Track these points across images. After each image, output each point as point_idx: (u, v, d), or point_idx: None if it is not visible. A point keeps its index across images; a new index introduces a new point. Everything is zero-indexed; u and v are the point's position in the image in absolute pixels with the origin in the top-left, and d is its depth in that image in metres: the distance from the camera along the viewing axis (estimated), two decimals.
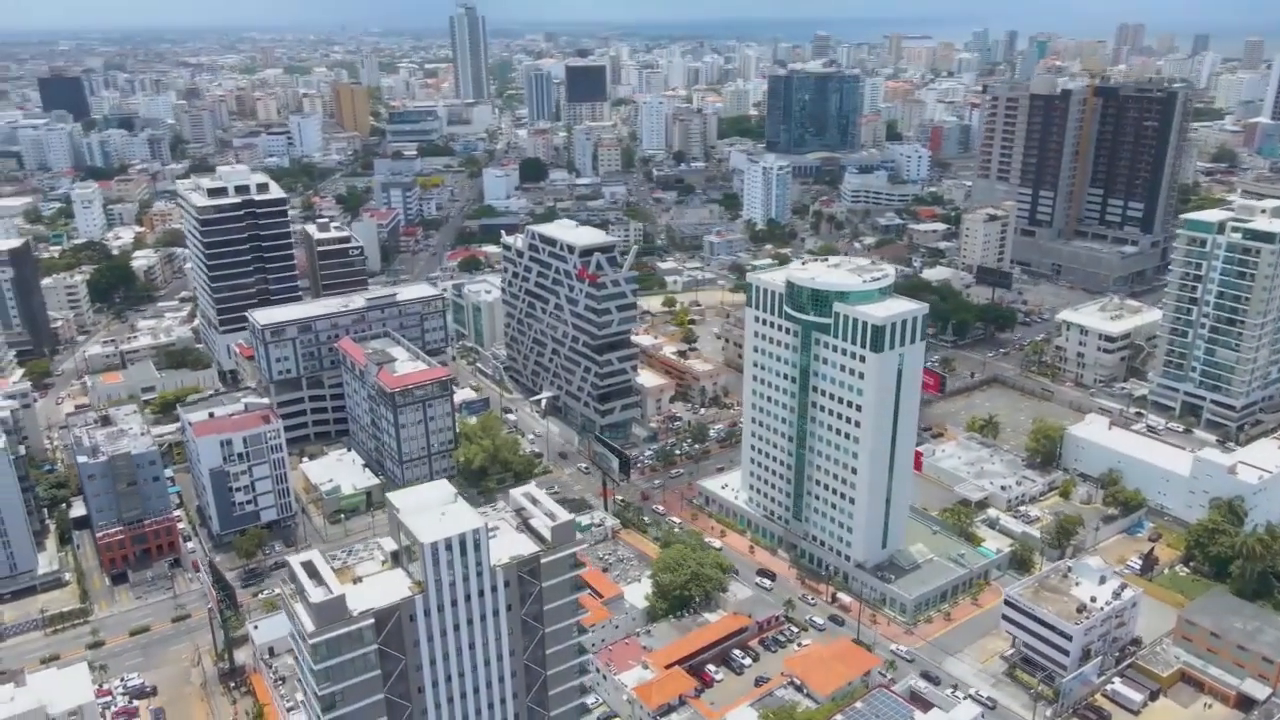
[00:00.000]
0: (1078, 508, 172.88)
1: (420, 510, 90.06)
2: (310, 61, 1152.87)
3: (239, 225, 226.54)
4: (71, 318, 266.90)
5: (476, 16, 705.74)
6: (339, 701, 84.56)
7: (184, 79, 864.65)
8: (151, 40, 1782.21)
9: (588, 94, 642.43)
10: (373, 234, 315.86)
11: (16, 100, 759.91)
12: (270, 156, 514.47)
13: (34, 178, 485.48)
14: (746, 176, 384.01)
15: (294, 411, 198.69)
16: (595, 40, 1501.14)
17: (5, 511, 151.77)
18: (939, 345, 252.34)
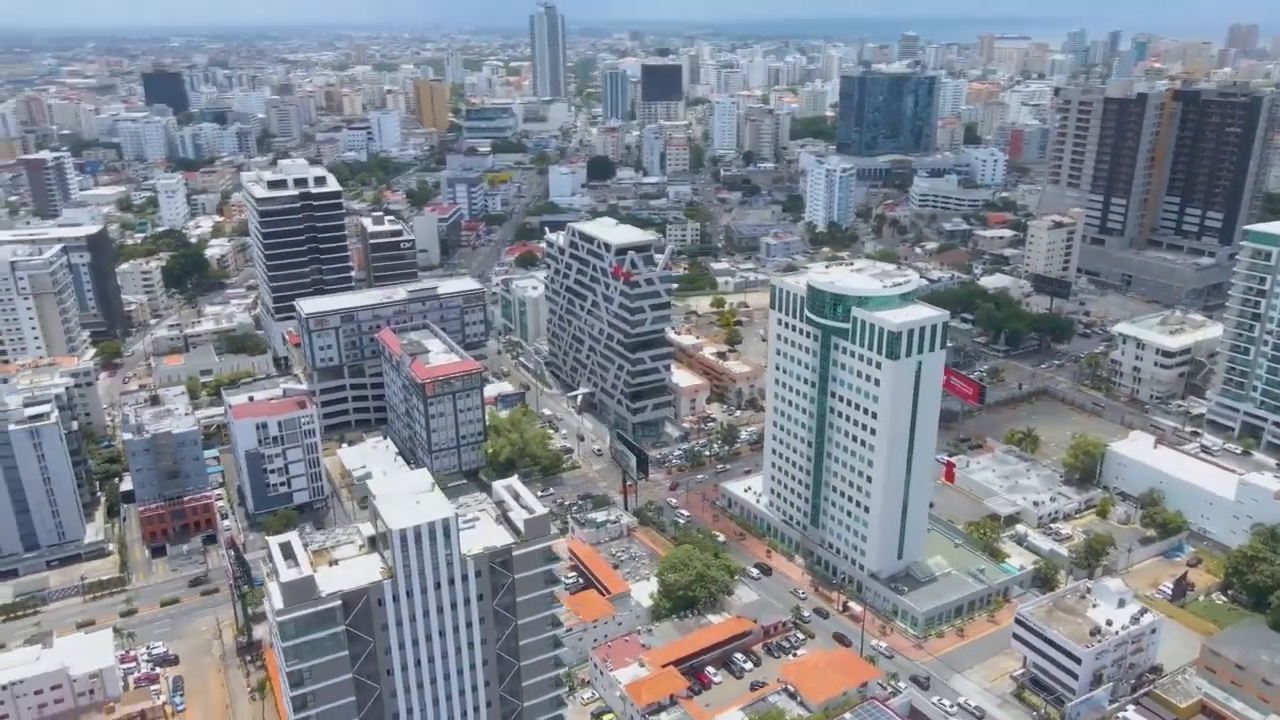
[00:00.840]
0: (1114, 528, 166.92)
1: (396, 497, 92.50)
2: (401, 59, 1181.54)
3: (296, 216, 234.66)
4: (145, 302, 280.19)
5: (556, 15, 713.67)
6: (307, 679, 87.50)
7: (278, 75, 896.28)
8: (255, 38, 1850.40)
9: (663, 93, 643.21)
10: (433, 228, 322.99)
11: (123, 94, 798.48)
12: (349, 151, 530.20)
13: (130, 168, 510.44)
14: (809, 178, 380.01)
15: (335, 399, 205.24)
16: (682, 39, 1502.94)
17: (55, 483, 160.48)
18: (990, 354, 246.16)
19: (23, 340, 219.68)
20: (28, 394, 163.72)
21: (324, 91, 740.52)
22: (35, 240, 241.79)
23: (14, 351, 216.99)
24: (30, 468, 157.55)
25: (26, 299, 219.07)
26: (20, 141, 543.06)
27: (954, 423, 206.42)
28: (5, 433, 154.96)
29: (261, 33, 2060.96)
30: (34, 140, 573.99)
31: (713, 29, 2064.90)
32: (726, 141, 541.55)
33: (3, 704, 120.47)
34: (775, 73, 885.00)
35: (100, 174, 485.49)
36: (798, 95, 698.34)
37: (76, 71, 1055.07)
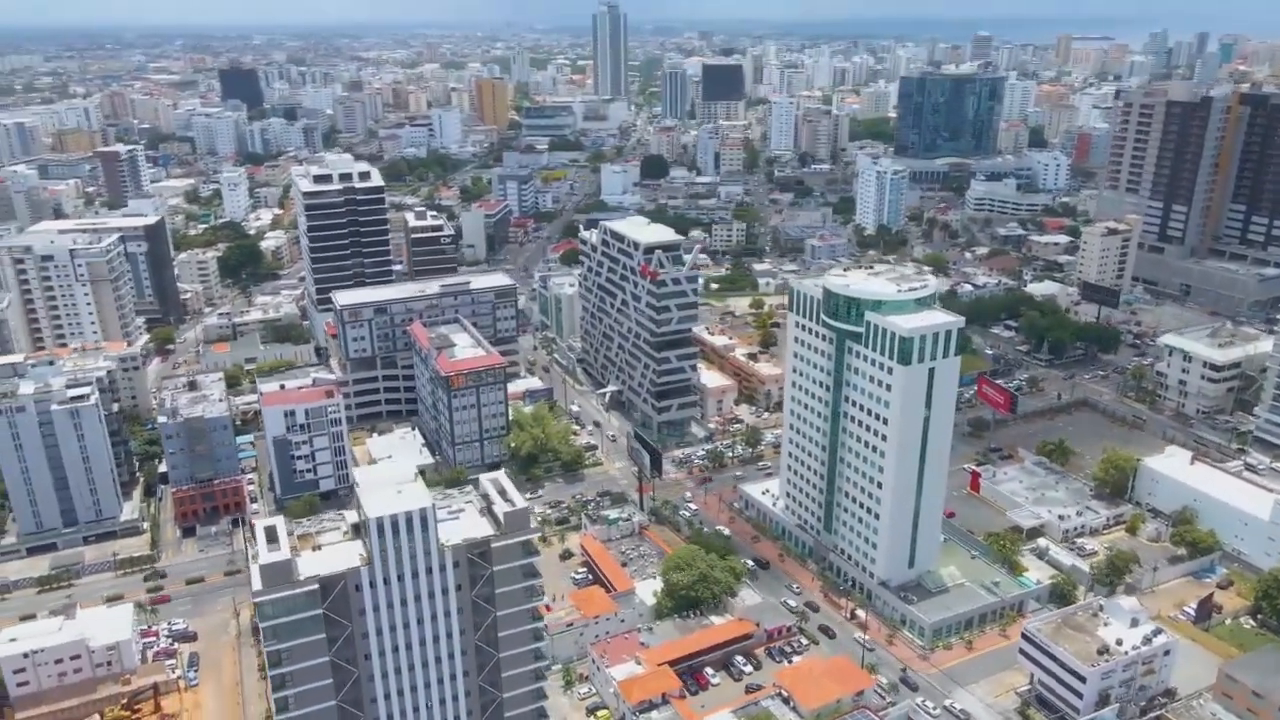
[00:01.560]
0: (1143, 545, 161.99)
1: (378, 486, 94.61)
2: (471, 57, 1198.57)
3: (339, 210, 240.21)
4: (200, 290, 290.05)
5: (619, 14, 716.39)
6: (285, 659, 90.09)
7: (350, 73, 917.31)
8: (333, 35, 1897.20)
9: (723, 93, 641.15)
10: (479, 224, 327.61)
11: (202, 90, 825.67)
12: (410, 147, 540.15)
13: (201, 161, 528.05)
14: (860, 180, 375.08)
15: (368, 389, 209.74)
16: (751, 39, 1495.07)
17: (93, 461, 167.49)
18: (1032, 363, 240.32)
19: (80, 325, 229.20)
20: (71, 376, 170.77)
21: (391, 89, 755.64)
22: (95, 230, 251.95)
23: (71, 335, 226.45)
24: (70, 446, 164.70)
25: (84, 285, 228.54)
26: (101, 134, 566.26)
27: (986, 431, 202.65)
28: (47, 412, 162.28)
29: (341, 31, 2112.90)
30: (114, 133, 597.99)
31: (785, 28, 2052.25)
32: (784, 142, 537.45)
33: (25, 670, 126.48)
34: (841, 73, 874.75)
35: (172, 167, 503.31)
36: (860, 96, 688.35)
37: (163, 68, 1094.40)
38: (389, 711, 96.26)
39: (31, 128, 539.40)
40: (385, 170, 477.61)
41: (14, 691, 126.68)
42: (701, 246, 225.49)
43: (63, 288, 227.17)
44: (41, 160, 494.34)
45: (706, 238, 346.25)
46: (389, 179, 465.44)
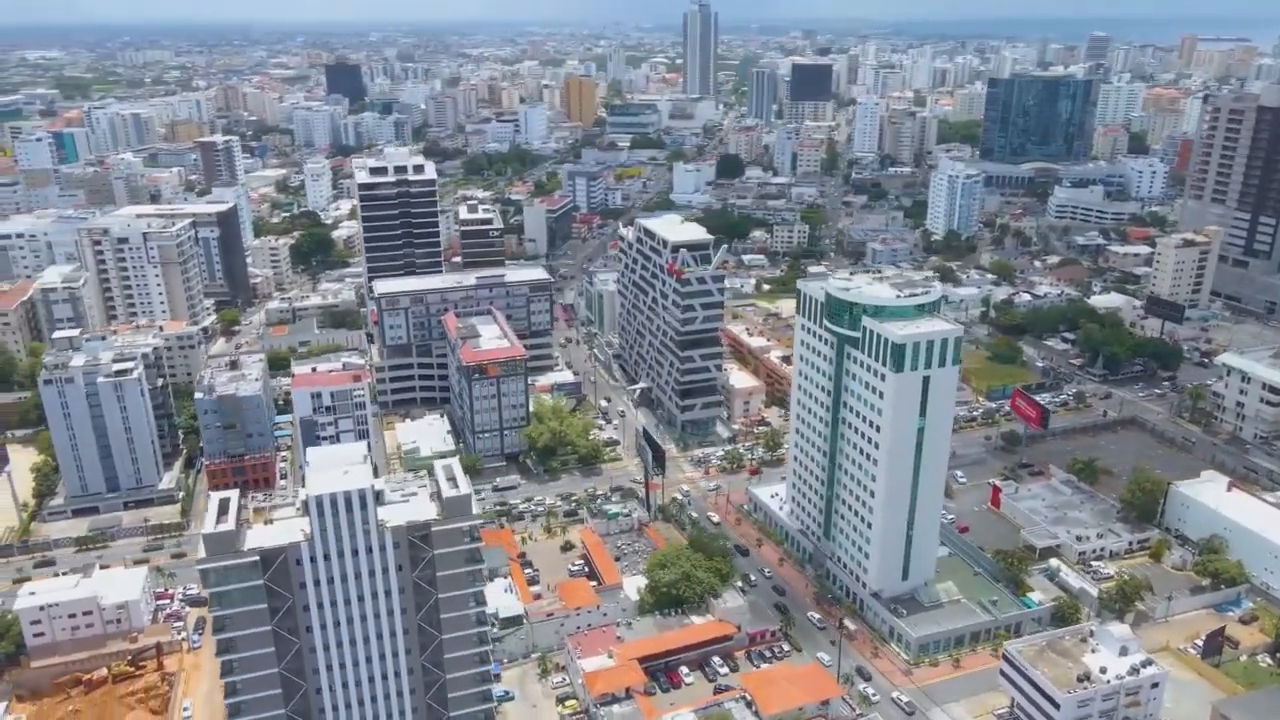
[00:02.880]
0: (1166, 573, 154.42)
1: (327, 466, 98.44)
2: (573, 55, 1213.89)
3: (393, 201, 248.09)
4: (271, 276, 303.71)
5: (709, 13, 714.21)
6: (229, 625, 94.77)
7: (451, 69, 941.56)
8: (445, 33, 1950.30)
9: (812, 93, 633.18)
10: (540, 219, 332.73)
11: (311, 85, 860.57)
12: (494, 142, 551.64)
13: (298, 152, 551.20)
14: (932, 184, 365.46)
15: (403, 375, 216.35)
16: (856, 38, 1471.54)
17: (135, 432, 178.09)
18: (1085, 378, 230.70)
19: (150, 303, 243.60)
20: (119, 352, 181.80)
21: (487, 85, 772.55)
22: (171, 215, 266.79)
23: (142, 313, 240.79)
24: (114, 416, 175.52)
25: (155, 267, 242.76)
26: (209, 125, 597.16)
27: (1019, 446, 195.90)
28: (94, 384, 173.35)
29: (454, 28, 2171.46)
30: (223, 125, 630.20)
31: (897, 27, 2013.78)
32: (867, 144, 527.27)
33: (41, 622, 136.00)
34: (941, 74, 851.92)
35: (268, 157, 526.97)
36: (953, 98, 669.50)
37: (281, 63, 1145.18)
38: (330, 683, 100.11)
39: (147, 118, 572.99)
40: (466, 164, 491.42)
41: (31, 641, 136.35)
42: (726, 248, 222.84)
43: (135, 268, 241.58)
44: (154, 149, 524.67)
45: (767, 238, 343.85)
46: (468, 173, 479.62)
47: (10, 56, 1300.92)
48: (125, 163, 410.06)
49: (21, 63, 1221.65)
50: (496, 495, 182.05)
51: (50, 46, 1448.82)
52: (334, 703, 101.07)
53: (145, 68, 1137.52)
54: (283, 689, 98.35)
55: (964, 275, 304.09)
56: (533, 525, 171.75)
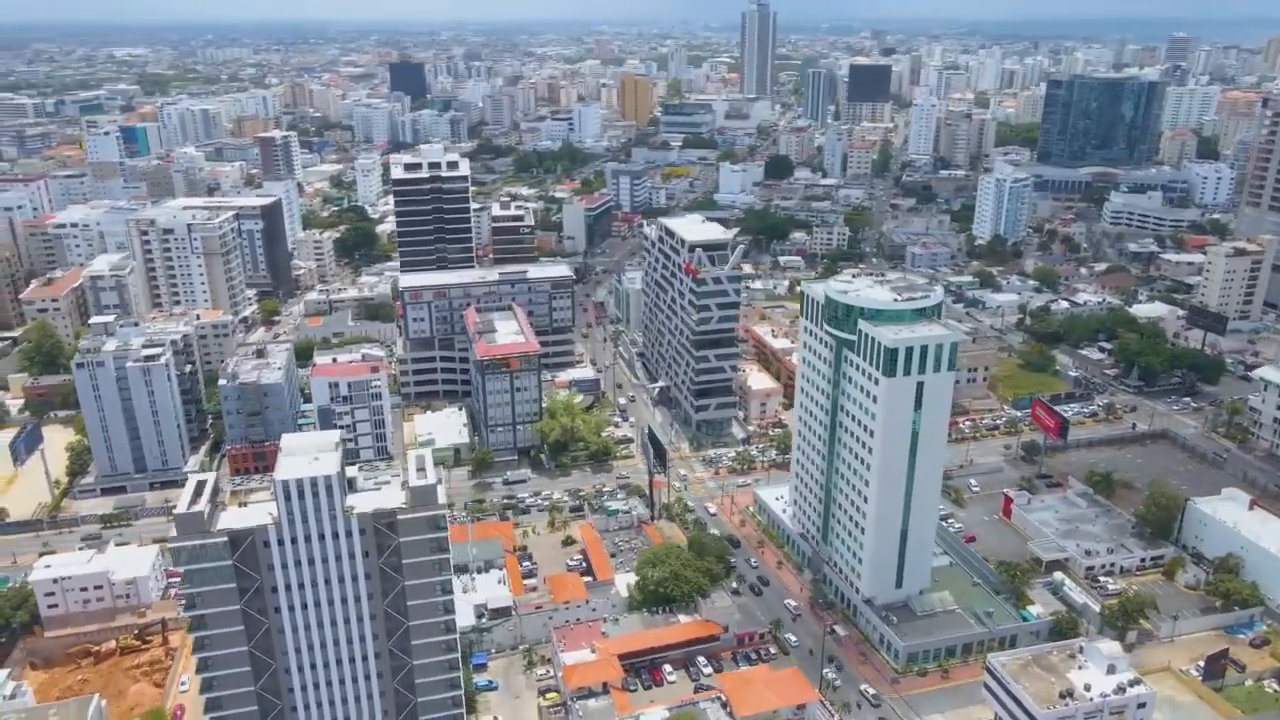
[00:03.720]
0: (1179, 592, 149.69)
1: (298, 452, 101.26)
2: (638, 54, 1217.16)
3: (425, 196, 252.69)
4: (314, 268, 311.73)
5: (768, 13, 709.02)
6: (199, 603, 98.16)
7: (514, 68, 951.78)
8: (515, 32, 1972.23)
9: (869, 94, 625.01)
10: (579, 217, 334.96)
11: (376, 82, 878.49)
12: (547, 140, 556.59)
13: (356, 148, 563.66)
14: (979, 188, 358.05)
15: (426, 368, 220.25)
16: (928, 38, 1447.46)
17: (161, 415, 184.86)
18: (1119, 389, 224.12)
19: (193, 292, 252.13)
20: (149, 338, 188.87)
21: (546, 83, 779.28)
22: (216, 207, 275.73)
23: (186, 301, 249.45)
24: (142, 400, 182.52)
25: (198, 257, 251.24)
26: (274, 121, 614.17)
27: (1039, 456, 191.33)
28: (123, 368, 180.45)
29: (524, 27, 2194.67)
30: (289, 121, 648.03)
31: (971, 27, 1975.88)
32: (923, 146, 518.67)
33: (54, 594, 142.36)
34: (1009, 75, 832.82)
35: (327, 152, 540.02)
36: (1017, 99, 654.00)
37: (352, 61, 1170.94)
38: (299, 663, 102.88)
39: (214, 114, 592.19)
40: (516, 162, 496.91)
41: (45, 612, 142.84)
42: (743, 248, 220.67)
43: (180, 258, 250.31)
44: (219, 144, 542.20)
45: (807, 240, 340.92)
46: (518, 170, 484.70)
47: (99, 53, 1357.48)
48: (187, 156, 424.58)
49: (109, 59, 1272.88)
50: (506, 489, 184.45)
51: (138, 44, 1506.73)
52: (303, 683, 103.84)
53: (223, 65, 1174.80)
54: (252, 667, 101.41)
55: (1004, 281, 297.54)
56: (539, 519, 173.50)
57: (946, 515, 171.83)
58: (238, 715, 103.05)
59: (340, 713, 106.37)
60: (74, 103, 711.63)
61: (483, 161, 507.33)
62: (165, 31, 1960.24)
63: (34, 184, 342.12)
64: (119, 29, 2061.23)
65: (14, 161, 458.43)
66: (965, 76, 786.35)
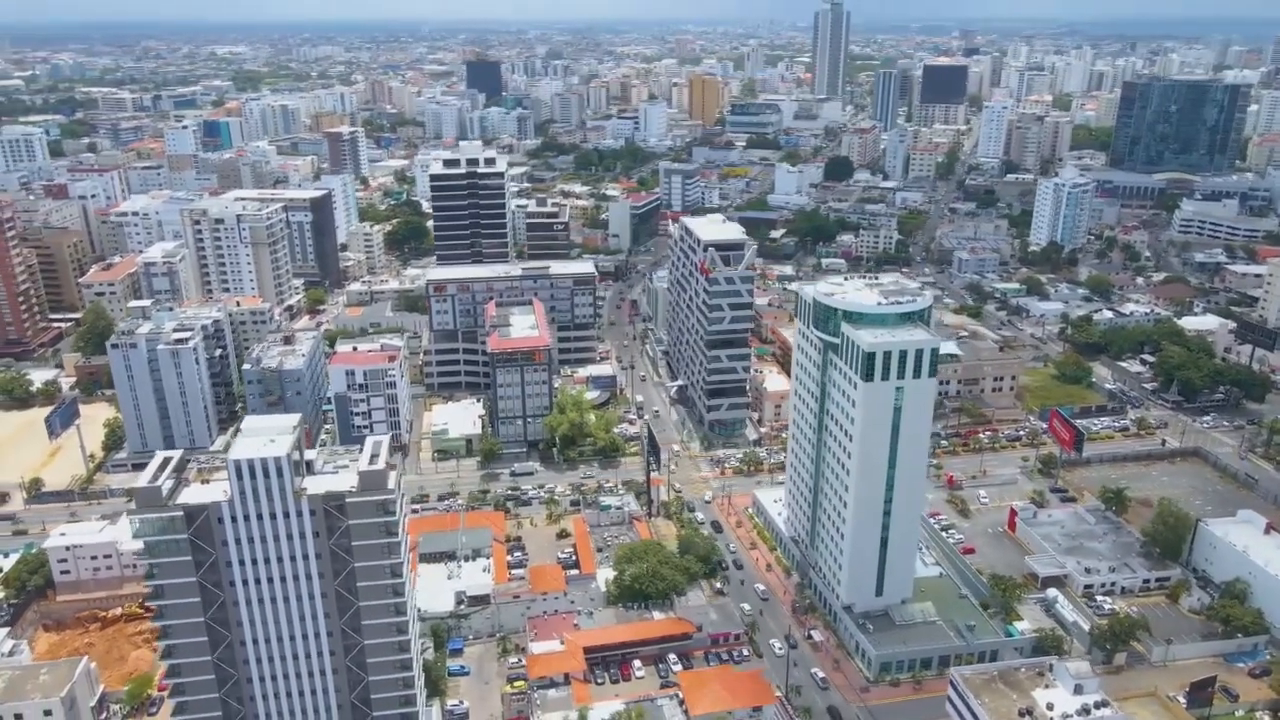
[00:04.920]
0: (1182, 616, 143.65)
1: (255, 433, 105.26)
2: (716, 53, 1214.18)
3: (461, 192, 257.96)
4: (363, 260, 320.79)
5: (841, 12, 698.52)
6: (158, 574, 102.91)
7: (590, 66, 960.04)
8: (599, 31, 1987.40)
9: (943, 95, 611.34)
10: (625, 215, 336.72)
11: (456, 79, 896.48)
12: (612, 139, 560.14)
13: (426, 144, 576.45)
14: (1037, 193, 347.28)
15: (449, 360, 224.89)
16: (1022, 38, 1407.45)
17: (189, 396, 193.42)
18: (1155, 403, 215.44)
19: (241, 280, 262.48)
20: (181, 322, 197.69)
21: (619, 82, 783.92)
22: (270, 199, 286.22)
23: (234, 289, 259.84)
24: (171, 381, 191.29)
25: (246, 247, 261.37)
26: (351, 117, 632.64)
27: (1057, 469, 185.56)
28: (155, 350, 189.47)
29: (609, 26, 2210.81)
30: (366, 117, 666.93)
31: (1070, 27, 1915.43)
32: (992, 149, 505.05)
33: (66, 561, 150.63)
34: (1098, 77, 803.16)
35: (395, 148, 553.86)
36: (1098, 102, 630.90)
37: (438, 60, 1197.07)
38: (254, 636, 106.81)
39: (294, 110, 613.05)
40: (577, 159, 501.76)
41: (58, 577, 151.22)
42: (755, 248, 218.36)
43: (229, 247, 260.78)
44: (295, 138, 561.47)
45: (853, 242, 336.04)
46: (578, 168, 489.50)
47: (203, 50, 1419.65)
48: (258, 150, 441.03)
49: (210, 56, 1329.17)
50: (512, 480, 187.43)
51: (239, 42, 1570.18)
52: (258, 655, 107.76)
53: (314, 62, 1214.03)
54: (209, 637, 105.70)
55: (1053, 289, 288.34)
56: (539, 512, 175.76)
57: (948, 526, 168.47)
58: (196, 683, 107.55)
59: (295, 687, 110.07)
60: (169, 98, 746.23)
61: (544, 159, 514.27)
62: (267, 30, 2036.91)
63: (108, 174, 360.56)
64: (224, 27, 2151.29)
65: (99, 153, 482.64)
66: (1049, 78, 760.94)
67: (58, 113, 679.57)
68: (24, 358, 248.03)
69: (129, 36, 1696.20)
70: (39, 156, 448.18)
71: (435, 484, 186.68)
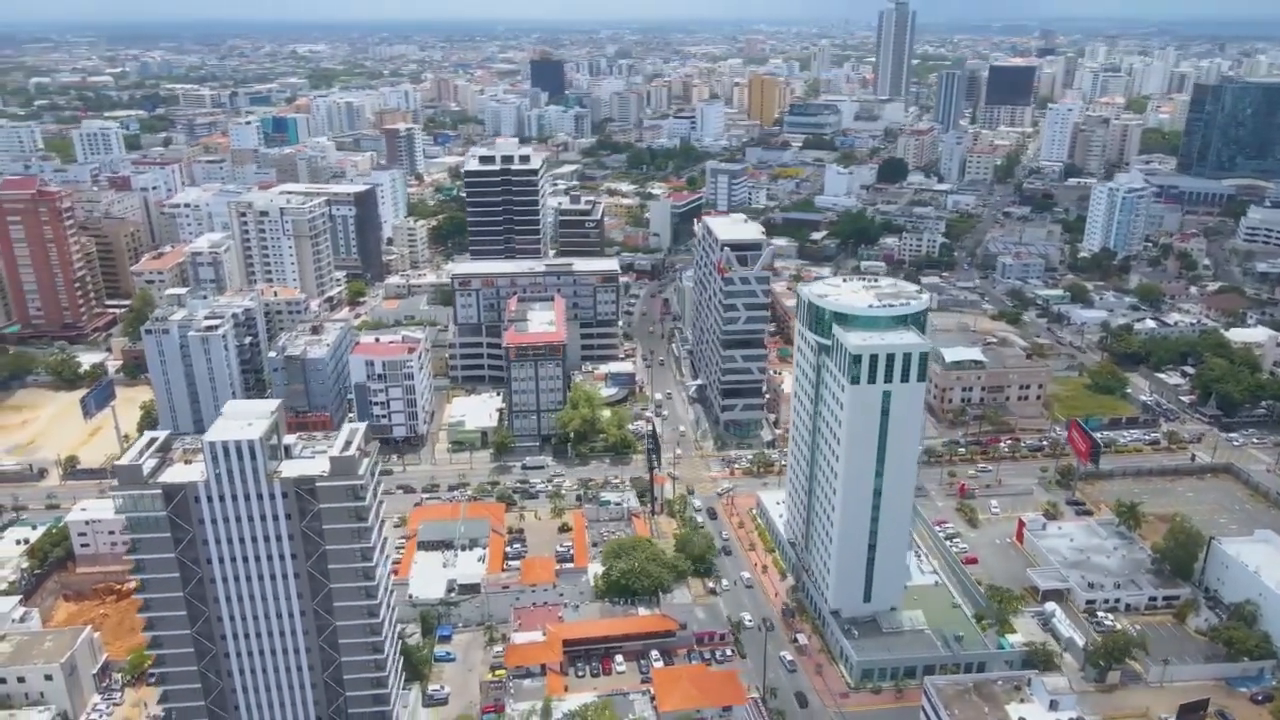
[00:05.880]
0: (1188, 637, 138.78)
1: (234, 418, 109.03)
2: (786, 53, 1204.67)
3: (495, 188, 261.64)
4: (407, 254, 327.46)
5: (906, 12, 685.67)
6: (140, 548, 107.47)
7: (655, 65, 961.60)
8: (672, 31, 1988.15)
9: (1009, 97, 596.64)
10: (665, 214, 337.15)
11: (521, 78, 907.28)
12: (666, 138, 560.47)
13: (484, 141, 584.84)
14: (1092, 197, 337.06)
15: (473, 353, 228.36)
16: (1104, 39, 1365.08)
17: (218, 381, 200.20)
18: (1191, 417, 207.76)
19: (283, 271, 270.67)
20: (213, 310, 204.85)
21: (681, 81, 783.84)
22: (314, 193, 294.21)
23: (277, 279, 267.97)
24: (201, 366, 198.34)
25: (289, 239, 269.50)
26: (414, 114, 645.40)
27: (1076, 481, 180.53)
28: (186, 337, 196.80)
29: (682, 26, 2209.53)
30: (429, 115, 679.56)
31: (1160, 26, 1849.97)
32: (1055, 153, 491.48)
33: (86, 535, 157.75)
34: (1179, 79, 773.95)
35: (453, 145, 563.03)
36: (1173, 104, 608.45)
37: (508, 59, 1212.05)
38: (231, 613, 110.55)
39: (358, 107, 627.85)
40: (630, 158, 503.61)
41: (78, 551, 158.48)
42: (773, 249, 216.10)
43: (272, 239, 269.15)
44: (358, 134, 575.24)
45: (896, 245, 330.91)
46: (630, 166, 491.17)
47: (284, 49, 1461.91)
48: (318, 145, 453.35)
49: (291, 55, 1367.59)
50: (523, 473, 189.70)
51: (319, 41, 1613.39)
52: (234, 631, 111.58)
53: (388, 61, 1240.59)
54: (188, 612, 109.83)
55: (1098, 296, 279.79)
56: (546, 505, 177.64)
57: (953, 535, 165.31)
58: (176, 655, 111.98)
59: (270, 664, 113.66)
60: (245, 94, 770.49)
61: (598, 157, 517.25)
62: (347, 29, 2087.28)
63: (170, 167, 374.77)
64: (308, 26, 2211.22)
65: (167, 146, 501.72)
66: (1125, 80, 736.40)
67: (141, 108, 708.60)
68: (78, 341, 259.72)
69: (217, 35, 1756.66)
70: (115, 149, 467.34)
71: (447, 475, 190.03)
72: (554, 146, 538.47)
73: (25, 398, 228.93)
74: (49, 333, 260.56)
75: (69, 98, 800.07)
